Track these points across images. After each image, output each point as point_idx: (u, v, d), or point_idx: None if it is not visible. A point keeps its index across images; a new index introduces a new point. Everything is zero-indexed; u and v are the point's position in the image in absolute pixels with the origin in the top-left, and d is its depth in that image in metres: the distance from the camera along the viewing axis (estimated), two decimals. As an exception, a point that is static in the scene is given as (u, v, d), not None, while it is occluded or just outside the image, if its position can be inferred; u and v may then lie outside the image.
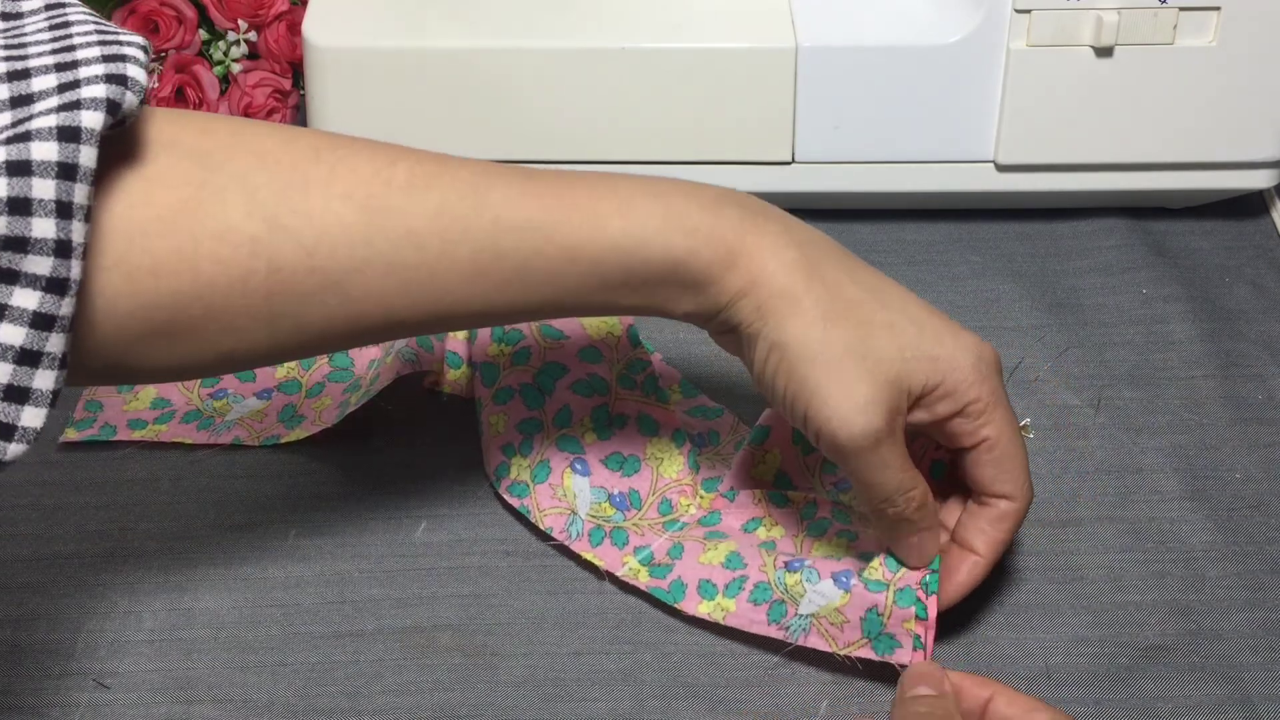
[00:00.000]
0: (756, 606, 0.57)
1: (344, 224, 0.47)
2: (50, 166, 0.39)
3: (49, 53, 0.42)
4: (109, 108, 0.41)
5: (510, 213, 0.48)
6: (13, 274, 0.39)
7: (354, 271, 0.47)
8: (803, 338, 0.51)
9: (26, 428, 0.41)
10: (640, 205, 0.49)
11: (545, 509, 0.62)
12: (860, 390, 0.51)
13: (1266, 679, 0.56)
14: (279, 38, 0.84)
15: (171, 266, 0.44)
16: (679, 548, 0.60)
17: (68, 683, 0.57)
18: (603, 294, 0.50)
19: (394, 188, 0.47)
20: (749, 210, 0.52)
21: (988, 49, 0.70)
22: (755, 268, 0.50)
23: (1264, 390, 0.68)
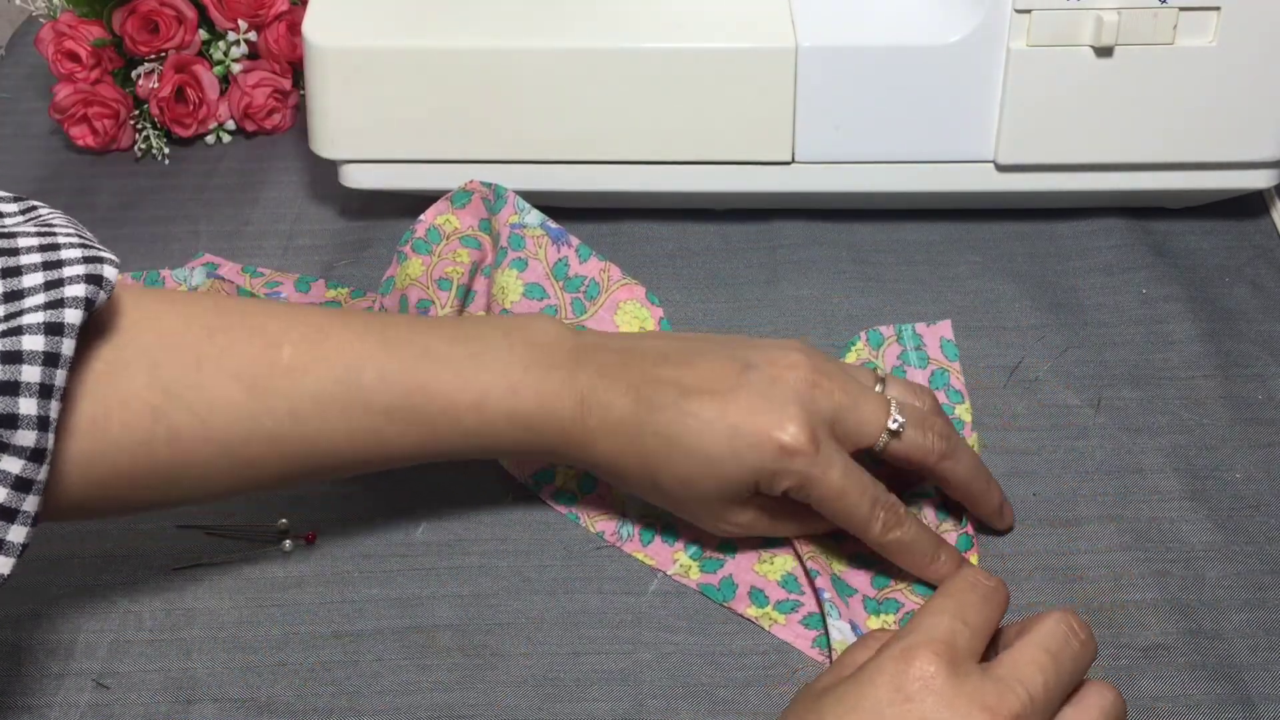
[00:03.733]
0: (807, 630, 0.58)
1: (232, 401, 0.53)
2: (38, 355, 0.46)
3: (37, 249, 0.48)
4: (87, 305, 0.47)
5: (379, 398, 0.55)
6: (3, 445, 0.45)
7: (244, 441, 0.53)
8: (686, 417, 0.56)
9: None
10: (491, 398, 0.56)
11: (595, 515, 0.62)
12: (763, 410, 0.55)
13: (1266, 679, 0.56)
14: (279, 38, 0.84)
15: (85, 428, 0.50)
16: (731, 545, 0.61)
17: (68, 683, 0.57)
18: (472, 456, 0.58)
19: (277, 371, 0.54)
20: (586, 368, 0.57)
21: (988, 49, 0.70)
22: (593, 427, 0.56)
23: (1264, 390, 0.68)
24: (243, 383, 0.53)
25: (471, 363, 0.56)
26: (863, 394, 0.57)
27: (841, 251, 0.76)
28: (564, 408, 0.56)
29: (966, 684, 0.47)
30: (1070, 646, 0.49)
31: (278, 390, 0.54)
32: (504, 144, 0.74)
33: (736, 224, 0.78)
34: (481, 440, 0.56)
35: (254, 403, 0.53)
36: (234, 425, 0.53)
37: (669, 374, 0.57)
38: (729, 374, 0.56)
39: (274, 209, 0.80)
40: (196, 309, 0.54)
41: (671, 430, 0.56)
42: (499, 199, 0.69)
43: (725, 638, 0.58)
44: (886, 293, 0.73)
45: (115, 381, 0.51)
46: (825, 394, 0.56)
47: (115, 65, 0.84)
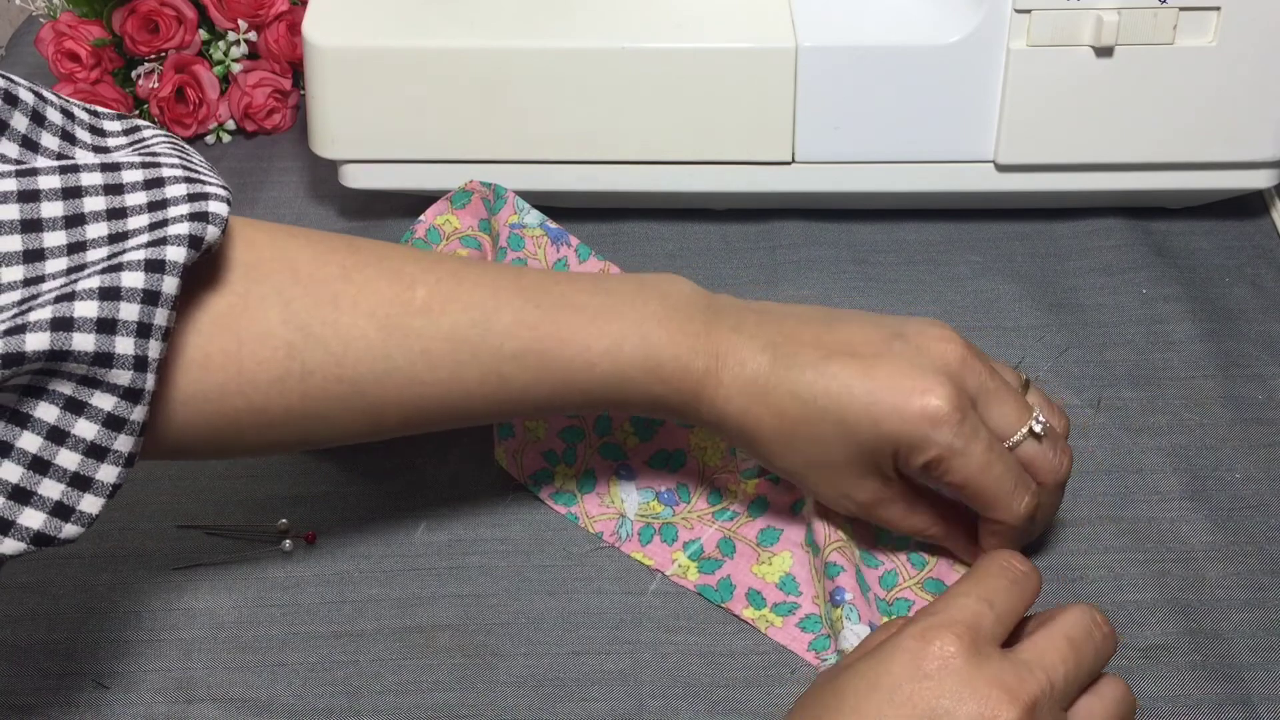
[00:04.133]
0: (803, 633, 0.58)
1: (367, 339, 0.53)
2: (136, 293, 0.45)
3: (141, 186, 0.48)
4: (192, 242, 0.47)
5: (512, 342, 0.54)
6: (97, 381, 0.45)
7: (376, 381, 0.53)
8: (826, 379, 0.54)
9: (84, 512, 0.47)
10: (626, 347, 0.55)
11: (594, 515, 0.62)
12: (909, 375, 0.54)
13: (1266, 679, 0.56)
14: (279, 38, 0.84)
15: (219, 362, 0.51)
16: (730, 544, 0.61)
17: (68, 683, 0.57)
18: (600, 408, 0.57)
19: (412, 310, 0.53)
20: (722, 324, 0.56)
21: (988, 49, 0.70)
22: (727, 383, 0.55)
23: (1264, 390, 0.68)
24: (377, 321, 0.53)
25: (607, 312, 0.55)
26: (1007, 387, 0.56)
27: (841, 251, 0.76)
28: (698, 361, 0.55)
29: (986, 665, 0.47)
30: (1092, 639, 0.49)
31: (412, 330, 0.53)
32: (504, 144, 0.74)
33: (736, 224, 0.78)
34: (612, 391, 0.55)
35: (388, 342, 0.53)
36: (368, 364, 0.53)
37: (810, 334, 0.55)
38: (875, 340, 0.55)
39: (274, 209, 0.80)
40: (331, 247, 0.54)
41: (810, 391, 0.54)
42: (499, 199, 0.69)
43: (725, 638, 0.58)
44: (886, 293, 0.73)
45: (250, 317, 0.51)
46: (974, 372, 0.55)
47: (115, 65, 0.84)
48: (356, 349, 0.52)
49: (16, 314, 0.44)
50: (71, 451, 0.46)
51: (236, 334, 0.51)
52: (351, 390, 0.53)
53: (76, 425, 0.46)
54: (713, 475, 0.63)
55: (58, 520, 0.46)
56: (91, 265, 0.46)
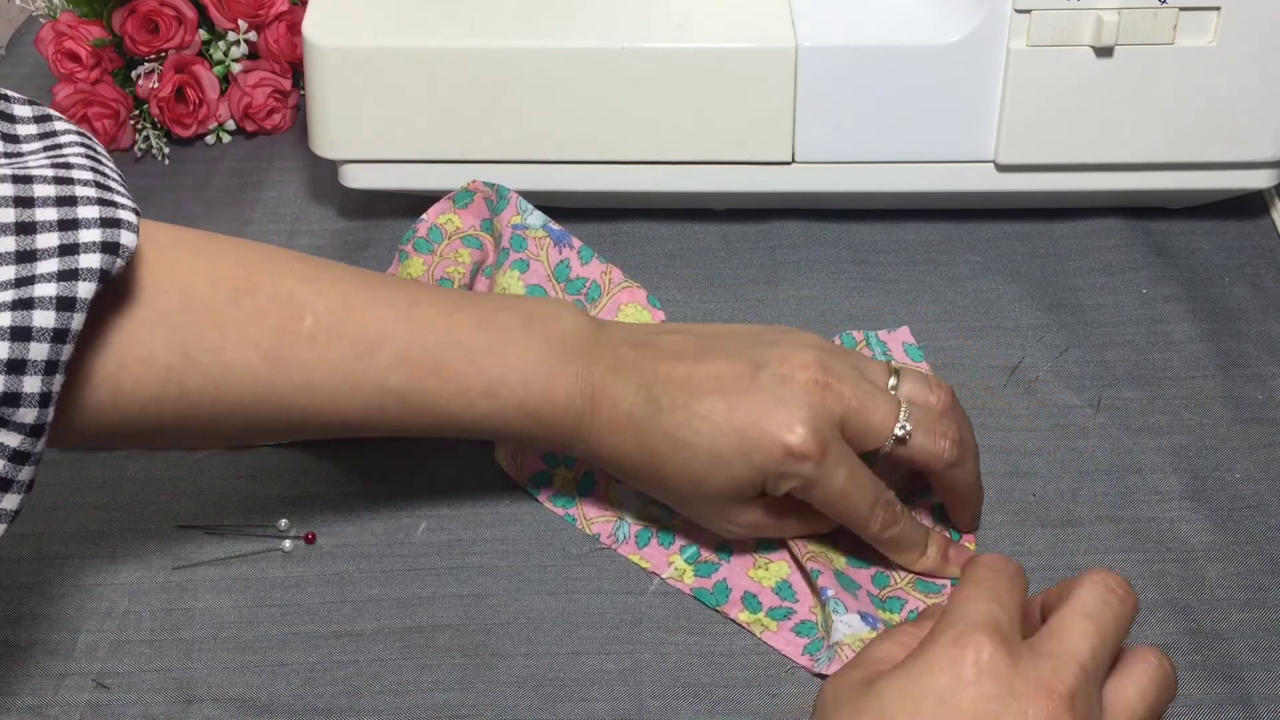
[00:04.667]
0: (799, 638, 0.58)
1: (249, 366, 0.53)
2: (47, 333, 0.45)
3: (53, 202, 0.47)
4: (101, 277, 0.47)
5: (394, 377, 0.55)
6: (4, 421, 0.45)
7: (255, 405, 0.54)
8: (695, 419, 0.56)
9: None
10: (504, 390, 0.56)
11: (592, 518, 0.62)
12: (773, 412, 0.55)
13: (1266, 679, 0.56)
14: (279, 38, 0.84)
15: (97, 381, 0.51)
16: (727, 548, 0.61)
17: (68, 683, 0.57)
18: (480, 438, 0.59)
19: (298, 340, 0.54)
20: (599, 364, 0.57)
21: (988, 49, 0.70)
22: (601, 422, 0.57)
23: (1264, 390, 0.68)
24: (261, 350, 0.53)
25: (488, 353, 0.56)
26: (873, 396, 0.57)
27: (841, 251, 0.76)
28: (575, 401, 0.57)
29: (1021, 664, 0.48)
30: (1110, 607, 0.50)
31: (295, 360, 0.54)
32: (504, 144, 0.73)
33: (736, 224, 0.78)
34: (491, 426, 0.57)
35: (270, 370, 0.53)
36: (248, 389, 0.53)
37: (681, 372, 0.57)
38: (740, 374, 0.56)
39: (274, 209, 0.80)
40: (224, 267, 0.54)
41: (680, 432, 0.56)
42: (501, 199, 0.69)
43: (725, 638, 0.58)
44: (886, 293, 0.73)
45: (135, 338, 0.51)
46: (835, 396, 0.56)
47: (115, 65, 0.84)
48: (237, 376, 0.53)
49: None
50: None
51: (119, 356, 0.51)
52: (228, 410, 0.54)
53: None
54: None
55: None
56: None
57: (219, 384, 0.53)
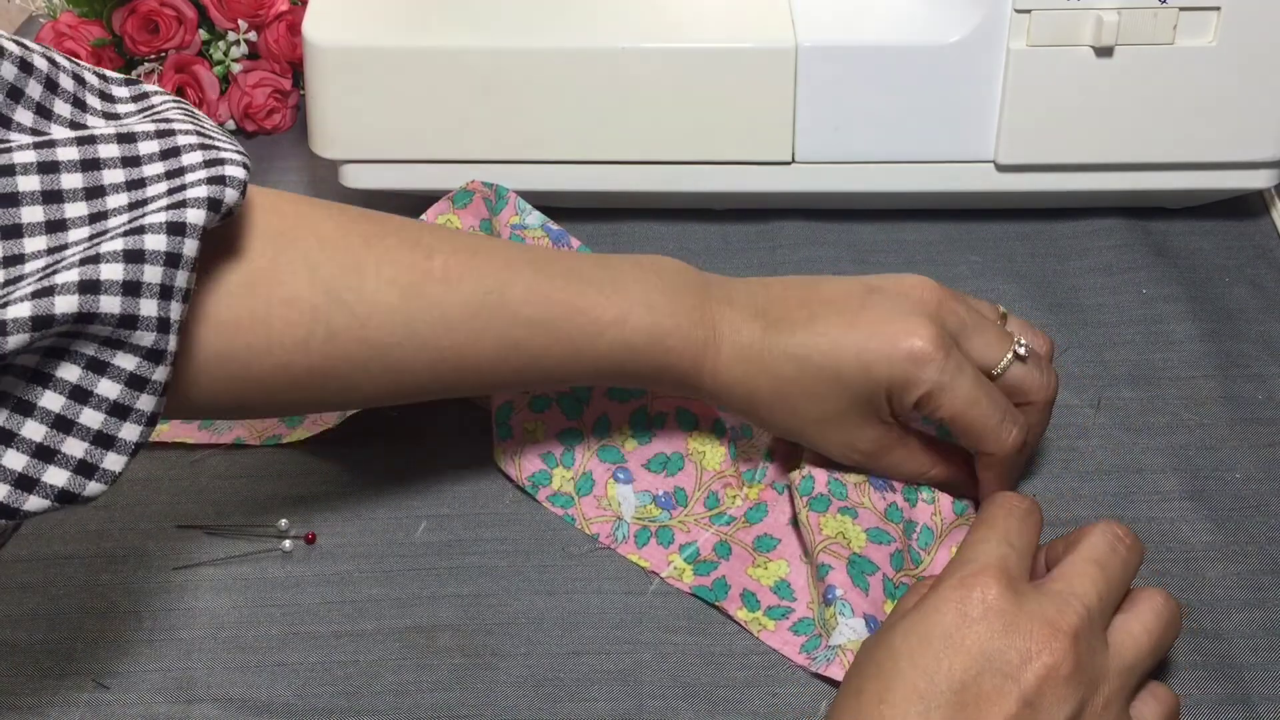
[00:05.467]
0: (796, 636, 0.58)
1: (389, 305, 0.54)
2: (159, 255, 0.46)
3: (158, 156, 0.48)
4: (211, 205, 0.47)
5: (526, 309, 0.56)
6: (120, 343, 0.46)
7: (396, 345, 0.55)
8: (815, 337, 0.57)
9: (107, 470, 0.47)
10: (632, 318, 0.57)
11: (591, 517, 0.62)
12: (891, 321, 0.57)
13: (1266, 679, 0.56)
14: (279, 38, 0.84)
15: (247, 324, 0.52)
16: (726, 547, 0.61)
17: (68, 683, 0.57)
18: (608, 378, 0.59)
19: (432, 278, 0.55)
20: (714, 297, 0.58)
21: (988, 49, 0.70)
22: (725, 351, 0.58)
23: (1264, 390, 0.68)
24: (398, 287, 0.55)
25: (612, 286, 0.57)
26: (987, 320, 0.59)
27: (841, 251, 0.76)
28: (698, 332, 0.57)
29: (1026, 603, 0.50)
30: (1117, 554, 0.53)
31: (431, 297, 0.55)
32: (504, 144, 0.74)
33: (736, 224, 0.78)
34: (620, 359, 0.57)
35: (409, 307, 0.55)
36: (389, 328, 0.55)
37: (795, 298, 0.58)
38: (855, 294, 0.58)
39: (274, 209, 0.80)
40: (352, 217, 0.56)
41: (803, 350, 0.57)
42: (500, 200, 0.69)
43: (725, 638, 0.58)
44: (886, 293, 0.73)
45: (278, 281, 0.53)
46: (952, 311, 0.58)
47: (115, 65, 0.84)
48: (379, 313, 0.54)
49: (41, 277, 0.44)
50: (95, 411, 0.47)
51: (265, 298, 0.52)
52: (373, 352, 0.55)
53: (100, 385, 0.46)
54: (710, 480, 0.63)
55: (81, 478, 0.47)
56: (113, 230, 0.46)
57: (363, 322, 0.54)
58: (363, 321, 0.54)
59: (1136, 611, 0.52)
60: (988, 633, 0.49)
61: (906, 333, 0.56)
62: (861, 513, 0.60)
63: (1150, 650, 0.51)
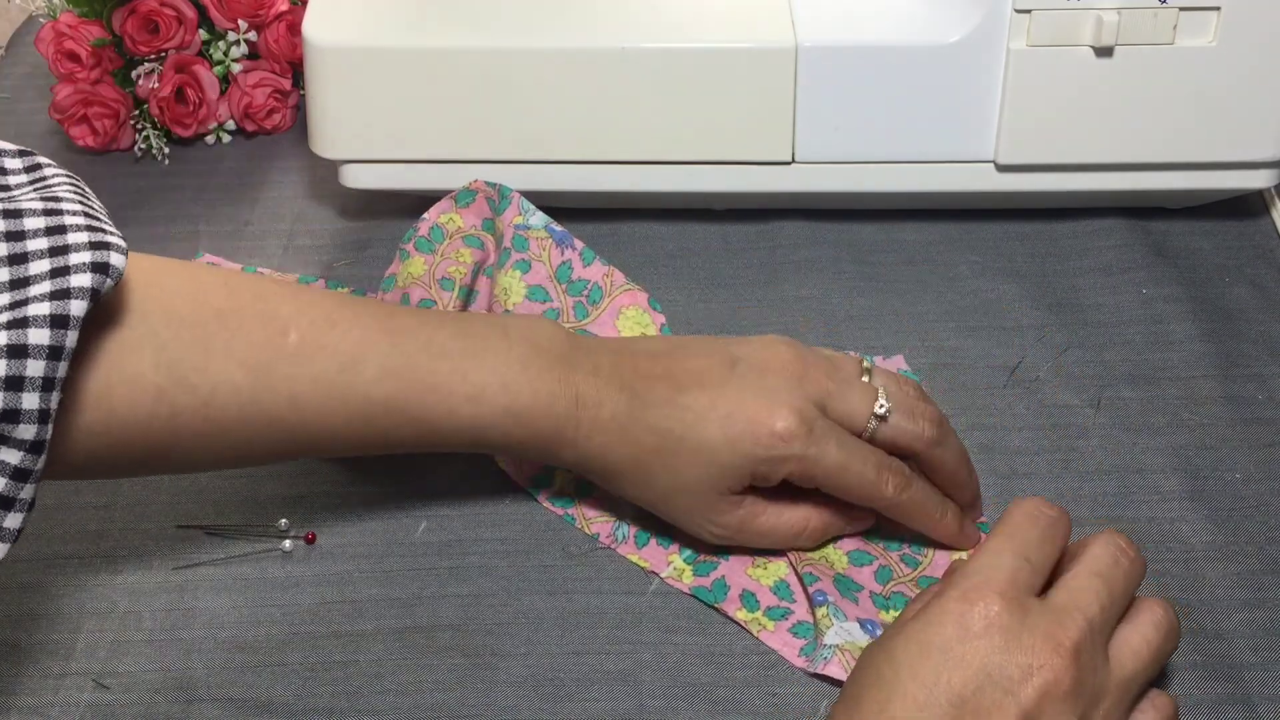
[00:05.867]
0: (795, 638, 0.58)
1: (235, 383, 0.54)
2: (43, 350, 0.46)
3: (43, 233, 0.48)
4: (93, 295, 0.47)
5: (378, 389, 0.56)
6: (4, 438, 0.46)
7: (242, 423, 0.54)
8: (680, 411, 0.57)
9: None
10: (488, 394, 0.56)
11: (591, 518, 0.62)
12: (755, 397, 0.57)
13: (1266, 679, 0.56)
14: (279, 38, 0.84)
15: (89, 403, 0.51)
16: (725, 548, 0.61)
17: (68, 683, 0.57)
18: (464, 450, 0.59)
19: (282, 356, 0.54)
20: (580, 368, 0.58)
21: (988, 49, 0.70)
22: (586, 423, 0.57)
23: (1264, 390, 0.68)
24: (247, 367, 0.54)
25: (471, 359, 0.57)
26: (848, 381, 0.59)
27: (841, 251, 0.76)
28: (558, 405, 0.57)
29: (1029, 618, 0.50)
30: (1120, 566, 0.53)
31: (281, 375, 0.54)
32: (504, 144, 0.74)
33: (736, 224, 0.78)
34: (475, 435, 0.57)
35: (256, 386, 0.54)
36: (234, 407, 0.54)
37: (660, 369, 0.58)
38: (717, 367, 0.58)
39: (274, 209, 0.80)
40: (208, 288, 0.55)
41: (666, 424, 0.57)
42: (504, 199, 0.69)
43: (725, 638, 0.58)
44: (886, 293, 0.73)
45: (122, 359, 0.52)
46: (812, 382, 0.58)
47: (115, 65, 0.84)
48: (223, 393, 0.53)
49: None
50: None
51: (108, 377, 0.51)
52: (217, 429, 0.54)
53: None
54: None
55: None
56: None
57: (207, 401, 0.53)
58: (205, 401, 0.53)
59: (1137, 624, 0.52)
60: (988, 648, 0.49)
61: (769, 412, 0.56)
62: (842, 538, 0.60)
63: (1150, 662, 0.51)
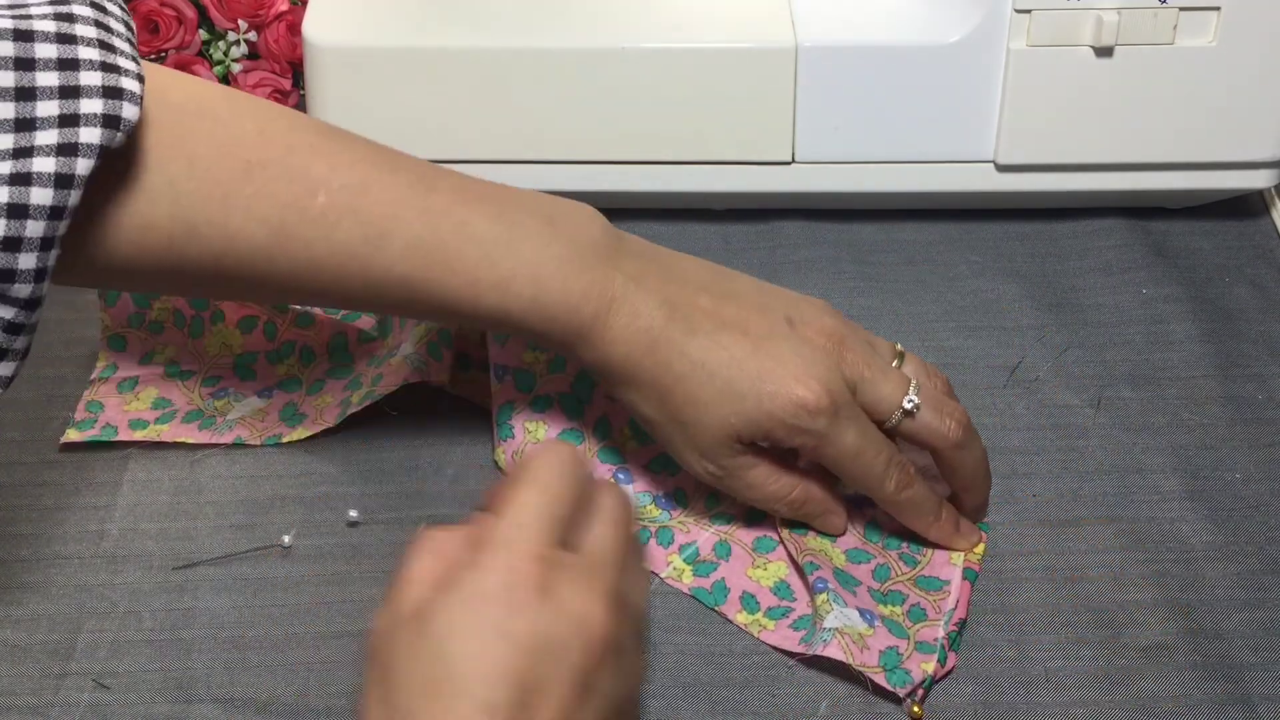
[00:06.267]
0: (795, 631, 0.58)
1: (251, 242, 0.52)
2: (44, 210, 0.45)
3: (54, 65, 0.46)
4: (100, 153, 0.46)
5: (401, 265, 0.54)
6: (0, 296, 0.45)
7: (254, 278, 0.53)
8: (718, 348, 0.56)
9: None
10: (515, 284, 0.55)
11: None
12: (791, 362, 0.56)
13: (1266, 679, 0.56)
14: (279, 38, 0.84)
15: (97, 242, 0.50)
16: (725, 547, 0.61)
17: (68, 683, 0.57)
18: (476, 328, 0.59)
19: (306, 218, 0.52)
20: (622, 272, 0.56)
21: (988, 49, 0.70)
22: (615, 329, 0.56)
23: (1264, 390, 0.68)
24: (268, 226, 0.52)
25: (504, 247, 0.55)
26: (884, 369, 0.58)
27: (841, 251, 0.76)
28: (588, 306, 0.56)
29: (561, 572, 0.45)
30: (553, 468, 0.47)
31: (302, 238, 0.53)
32: (504, 144, 0.74)
33: (736, 224, 0.78)
34: (496, 320, 0.56)
35: (274, 246, 0.52)
36: (249, 264, 0.52)
37: (707, 304, 0.57)
38: (764, 322, 0.57)
39: (274, 209, 0.80)
40: (239, 137, 0.52)
41: (700, 356, 0.56)
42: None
43: (725, 638, 0.58)
44: (886, 293, 0.73)
45: (137, 205, 0.50)
46: (850, 363, 0.57)
47: (115, 65, 0.84)
48: (239, 249, 0.52)
49: None
50: None
51: (119, 219, 0.50)
52: (228, 279, 0.53)
53: None
54: None
55: None
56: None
57: (219, 257, 0.52)
58: (218, 256, 0.52)
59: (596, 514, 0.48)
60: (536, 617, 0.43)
61: (803, 382, 0.56)
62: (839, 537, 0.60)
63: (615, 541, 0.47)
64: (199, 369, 0.68)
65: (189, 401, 0.67)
